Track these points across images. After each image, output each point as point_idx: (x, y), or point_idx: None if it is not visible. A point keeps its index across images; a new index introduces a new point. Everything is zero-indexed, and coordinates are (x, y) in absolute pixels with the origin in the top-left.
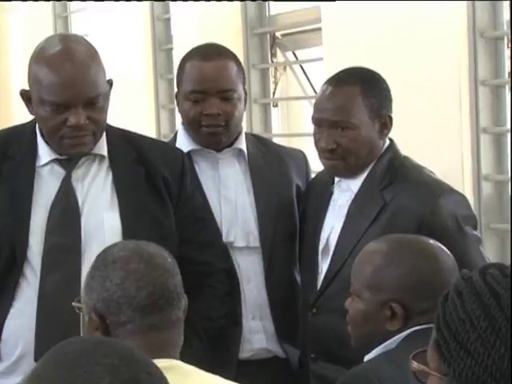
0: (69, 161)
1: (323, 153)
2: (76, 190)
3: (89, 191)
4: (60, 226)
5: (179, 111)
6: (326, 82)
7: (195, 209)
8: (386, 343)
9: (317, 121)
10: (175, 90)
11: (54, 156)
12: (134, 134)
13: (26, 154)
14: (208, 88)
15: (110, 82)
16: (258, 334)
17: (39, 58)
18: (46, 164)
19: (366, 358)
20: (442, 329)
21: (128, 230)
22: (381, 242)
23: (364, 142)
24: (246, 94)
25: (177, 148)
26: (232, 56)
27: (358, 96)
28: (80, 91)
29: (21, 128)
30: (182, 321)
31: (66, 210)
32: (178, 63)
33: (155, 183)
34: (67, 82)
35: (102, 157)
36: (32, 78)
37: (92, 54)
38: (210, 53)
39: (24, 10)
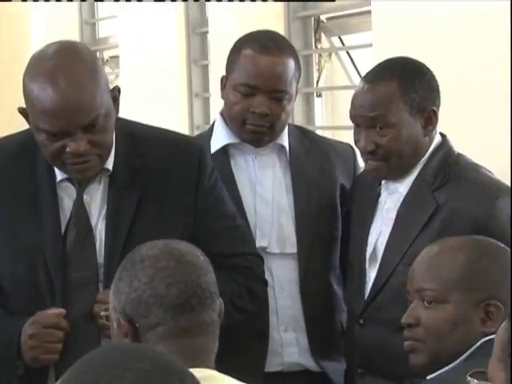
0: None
1: (363, 154)
2: (89, 212)
3: (102, 209)
4: (76, 257)
5: (222, 97)
6: (362, 78)
7: (220, 217)
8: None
9: (353, 119)
10: (210, 77)
11: (64, 175)
12: (141, 132)
13: (44, 176)
14: (261, 84)
15: (117, 89)
16: (289, 347)
17: (32, 74)
18: (60, 181)
19: (430, 376)
20: None
21: (110, 264)
22: (454, 240)
23: (406, 141)
24: (296, 92)
25: (192, 144)
26: (291, 52)
27: (396, 92)
28: (75, 119)
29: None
30: (218, 325)
31: (79, 237)
32: (232, 47)
33: (154, 202)
34: (59, 109)
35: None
36: (26, 96)
37: (89, 68)
38: (270, 45)
39: None
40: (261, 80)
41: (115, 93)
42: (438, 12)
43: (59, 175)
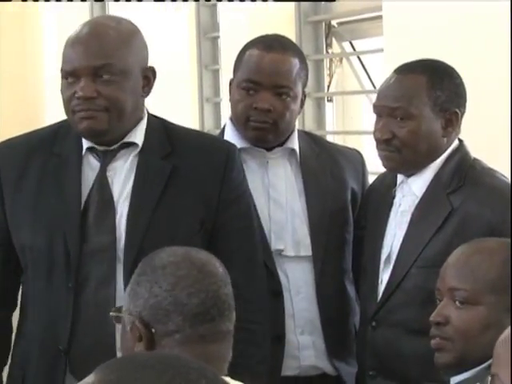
0: (104, 152)
1: (379, 144)
2: (112, 185)
3: (125, 186)
4: (95, 225)
5: (230, 100)
6: (393, 71)
7: (236, 216)
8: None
9: (376, 109)
10: (221, 81)
11: (88, 144)
12: (175, 126)
13: (72, 149)
14: (263, 80)
15: (152, 70)
16: (306, 350)
17: (70, 36)
18: (85, 154)
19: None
20: None
21: (133, 232)
22: (491, 242)
23: (423, 136)
24: (304, 96)
25: (223, 142)
26: (297, 52)
27: (423, 86)
28: (86, 57)
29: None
30: (232, 334)
31: (100, 206)
32: (238, 52)
33: (182, 183)
34: (77, 47)
35: (137, 146)
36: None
37: (122, 30)
38: (274, 44)
39: None
40: (263, 75)
41: (149, 72)
42: (450, 17)
43: (86, 143)
